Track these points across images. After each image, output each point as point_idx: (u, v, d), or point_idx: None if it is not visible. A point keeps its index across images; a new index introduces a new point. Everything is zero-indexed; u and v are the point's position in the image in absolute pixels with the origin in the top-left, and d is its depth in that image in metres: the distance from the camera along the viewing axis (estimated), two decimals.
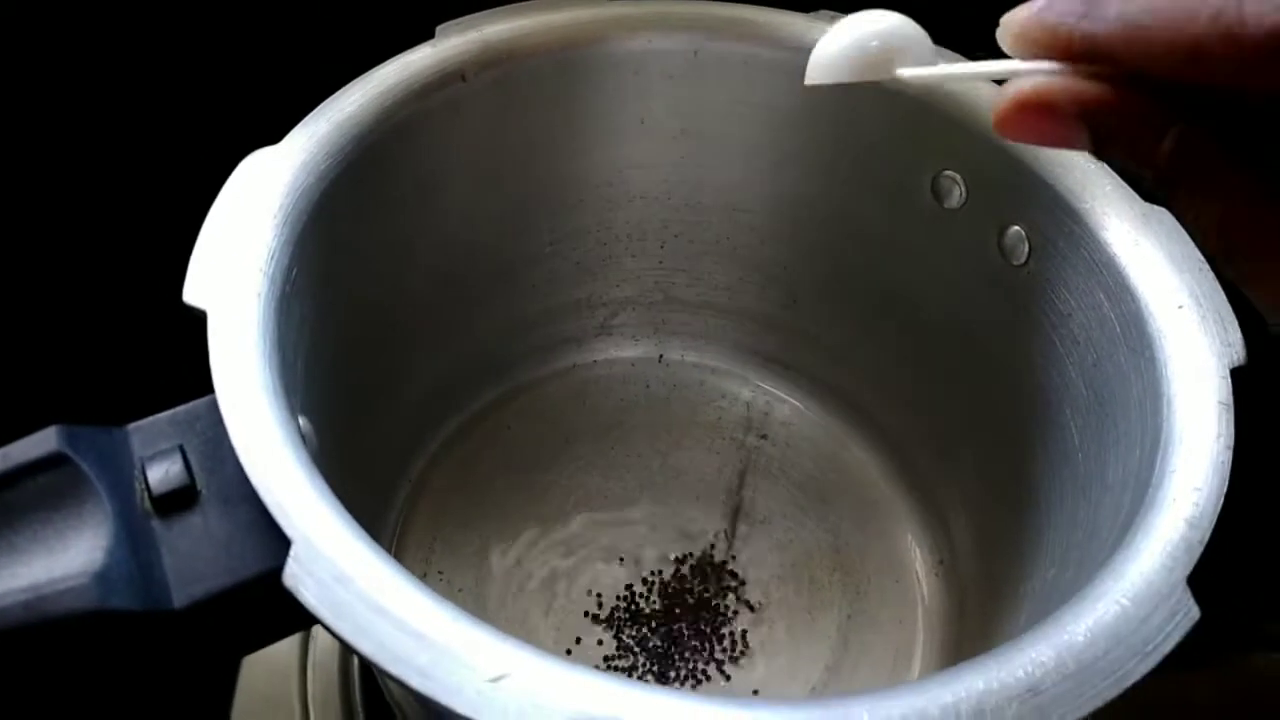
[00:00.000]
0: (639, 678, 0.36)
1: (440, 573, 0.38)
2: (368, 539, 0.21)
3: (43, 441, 0.23)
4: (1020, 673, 0.20)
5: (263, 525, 0.22)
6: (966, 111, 0.33)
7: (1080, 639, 0.21)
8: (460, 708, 0.19)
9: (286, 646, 0.40)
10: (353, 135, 0.30)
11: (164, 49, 0.38)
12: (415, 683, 0.19)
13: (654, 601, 0.38)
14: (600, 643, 0.37)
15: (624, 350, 0.45)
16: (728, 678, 0.36)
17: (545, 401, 0.44)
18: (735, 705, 0.19)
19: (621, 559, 0.39)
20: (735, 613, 0.38)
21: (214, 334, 0.24)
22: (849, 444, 0.42)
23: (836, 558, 0.40)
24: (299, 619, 0.23)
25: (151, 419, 0.24)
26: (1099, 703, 0.20)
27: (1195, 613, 0.21)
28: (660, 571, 0.39)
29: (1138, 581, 0.22)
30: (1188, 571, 0.22)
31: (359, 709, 0.39)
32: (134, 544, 0.22)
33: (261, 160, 0.28)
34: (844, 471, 0.42)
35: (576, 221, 0.40)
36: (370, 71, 0.31)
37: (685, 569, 0.39)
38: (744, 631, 0.37)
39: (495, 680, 0.19)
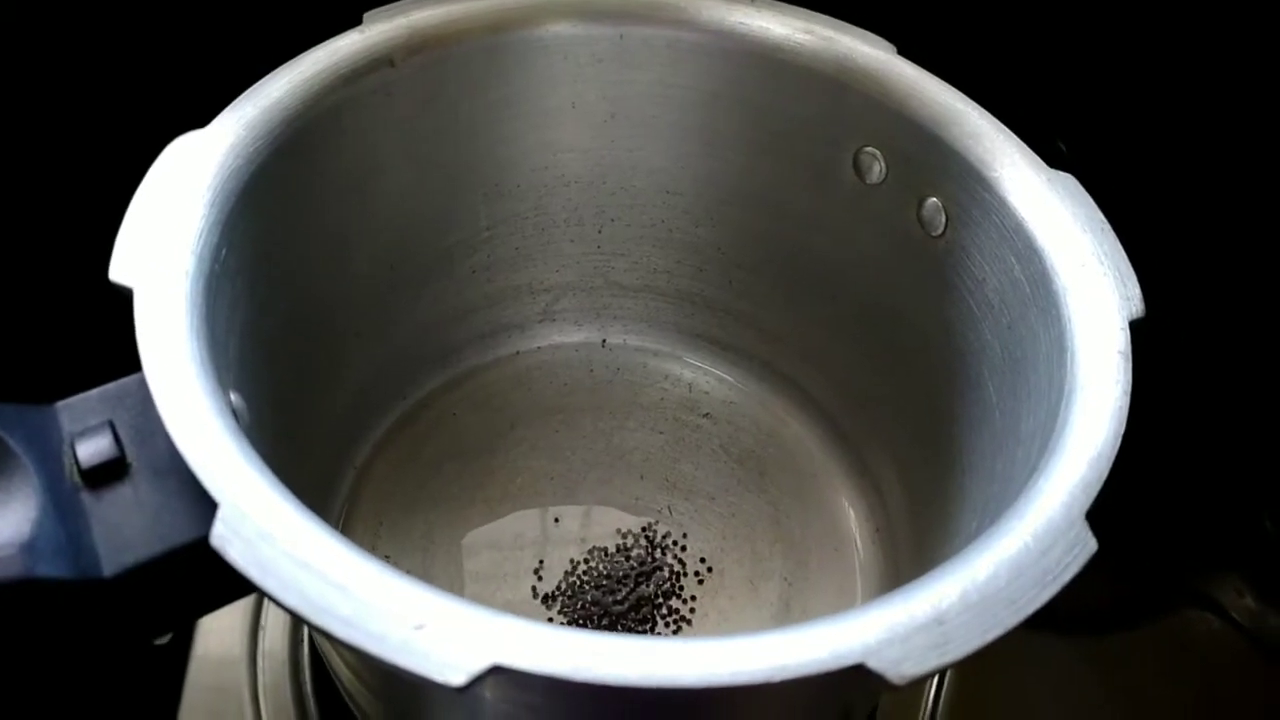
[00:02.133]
0: None
1: (386, 557, 0.39)
2: (294, 499, 0.22)
3: None
4: (928, 606, 0.21)
5: (192, 493, 0.23)
6: (882, 88, 0.34)
7: (984, 574, 0.22)
8: (384, 654, 0.19)
9: (236, 638, 0.40)
10: (281, 119, 0.30)
11: (91, 30, 0.38)
12: (340, 631, 0.20)
13: (599, 578, 0.39)
14: (548, 619, 0.38)
15: (567, 335, 0.45)
16: None
17: (489, 387, 0.44)
18: (650, 641, 0.20)
19: (567, 539, 0.40)
20: (679, 585, 0.39)
21: (140, 311, 0.24)
22: (787, 420, 0.43)
23: (777, 529, 0.40)
24: (231, 587, 0.23)
25: (81, 396, 0.25)
26: (1001, 630, 0.21)
27: (1093, 545, 0.22)
28: (605, 548, 0.40)
29: (1039, 519, 0.23)
30: (1086, 507, 0.23)
31: (310, 698, 0.39)
32: (62, 515, 0.23)
33: (189, 143, 0.28)
34: (783, 446, 0.43)
35: (513, 207, 0.41)
36: (298, 57, 0.32)
37: (630, 545, 0.40)
38: (688, 602, 0.38)
39: (418, 627, 0.20)
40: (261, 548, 0.21)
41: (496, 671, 0.19)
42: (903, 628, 0.20)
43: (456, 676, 0.19)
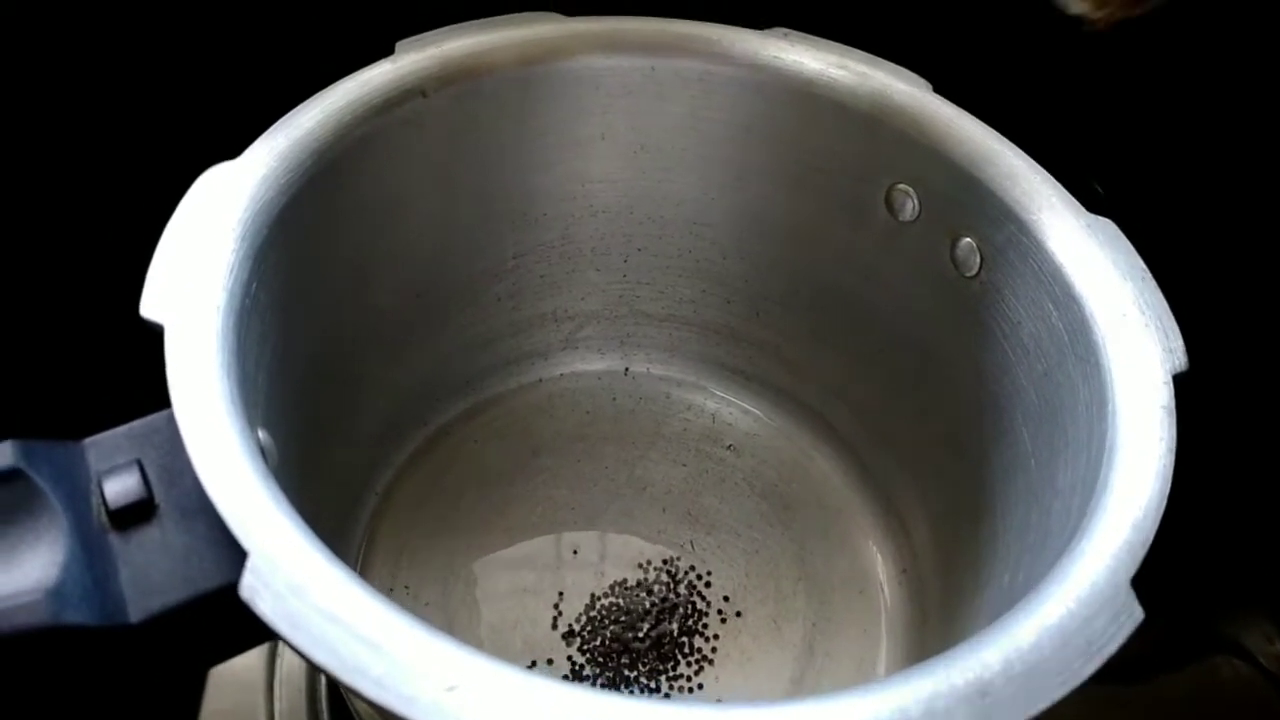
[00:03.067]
0: (603, 689, 0.36)
1: (407, 587, 0.38)
2: (325, 550, 0.21)
3: None
4: (970, 675, 0.20)
5: (220, 538, 0.22)
6: (918, 125, 0.33)
7: (1027, 642, 0.21)
8: (416, 716, 0.19)
9: (253, 663, 0.40)
10: (312, 150, 0.30)
11: (123, 62, 0.38)
12: (371, 692, 0.19)
13: (620, 613, 0.38)
14: (568, 658, 0.37)
15: (590, 364, 0.45)
16: (694, 688, 0.37)
17: (512, 415, 0.44)
18: (688, 708, 0.19)
19: (588, 571, 0.39)
20: (701, 623, 0.38)
21: (171, 347, 0.24)
22: (812, 454, 0.43)
23: (801, 567, 0.40)
24: (258, 632, 0.23)
25: (108, 433, 0.24)
26: (1047, 703, 0.20)
27: (1139, 614, 0.22)
28: (626, 582, 0.39)
29: (1083, 584, 0.22)
30: (1131, 573, 0.22)
31: None
32: (90, 558, 0.22)
33: (220, 174, 0.28)
34: (808, 481, 0.42)
35: (540, 236, 0.40)
36: (329, 87, 0.31)
37: (651, 580, 0.39)
38: (710, 641, 0.38)
39: (450, 690, 0.19)
40: (291, 601, 0.20)
41: None
42: (944, 700, 0.20)
43: None
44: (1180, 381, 0.27)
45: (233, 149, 0.29)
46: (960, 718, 0.20)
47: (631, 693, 0.36)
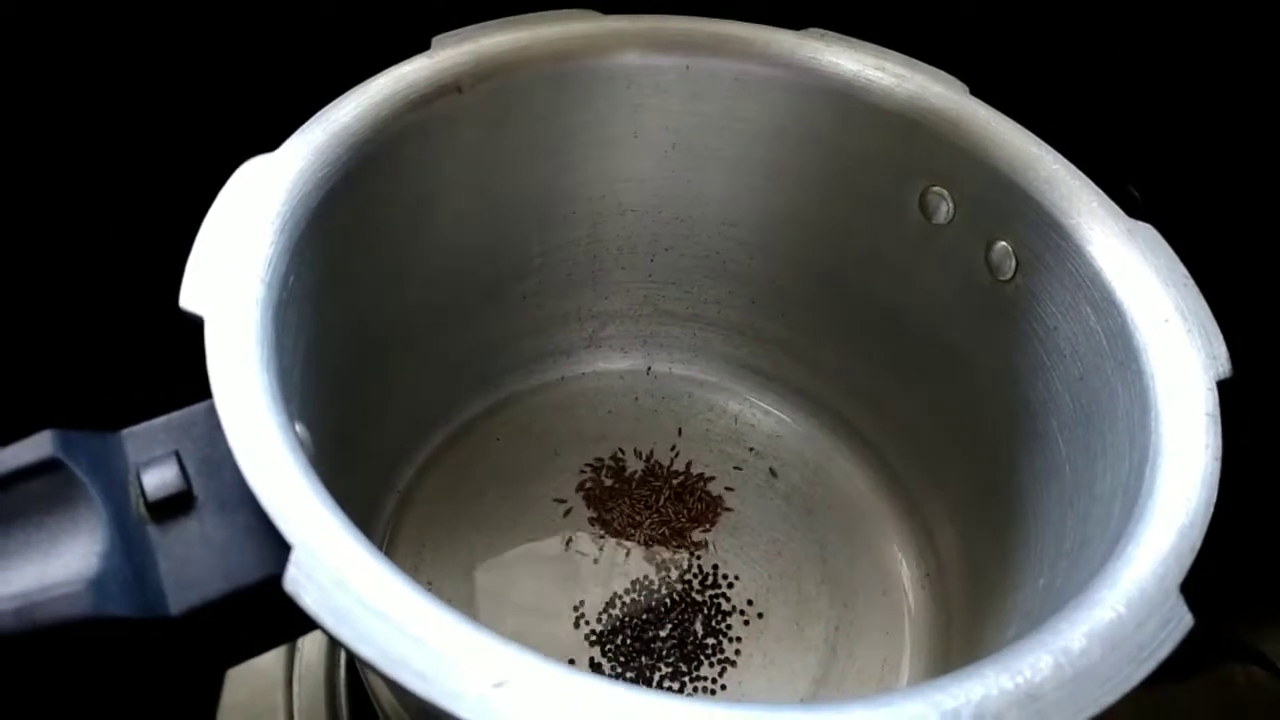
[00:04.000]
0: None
1: (429, 582, 0.38)
2: (368, 543, 0.21)
3: (37, 446, 0.23)
4: (1020, 679, 0.20)
5: (260, 531, 0.22)
6: (955, 128, 0.33)
7: (1077, 645, 0.21)
8: (461, 712, 0.19)
9: (272, 658, 0.40)
10: (349, 144, 0.30)
11: (160, 55, 0.38)
12: (416, 687, 0.19)
13: (642, 613, 0.38)
14: (590, 658, 0.37)
15: (612, 363, 0.45)
16: (716, 689, 0.36)
17: (534, 413, 0.44)
18: (728, 708, 0.19)
19: (610, 571, 0.39)
20: (724, 624, 0.38)
21: (211, 339, 0.24)
22: (836, 456, 0.43)
23: (824, 569, 0.40)
24: (295, 626, 0.23)
25: (147, 424, 0.24)
26: (1097, 709, 0.20)
27: (1189, 620, 0.22)
28: (648, 582, 0.39)
29: (1131, 589, 0.22)
30: (1180, 579, 0.22)
31: (345, 718, 0.39)
32: (129, 550, 0.22)
33: (258, 167, 0.28)
34: (831, 484, 0.42)
35: (567, 233, 0.40)
36: (366, 82, 0.31)
37: (673, 580, 0.39)
38: (733, 642, 0.38)
39: (496, 686, 0.19)
40: (336, 595, 0.20)
41: None
42: (995, 702, 0.20)
43: None
44: (1225, 389, 0.26)
45: (271, 142, 0.29)
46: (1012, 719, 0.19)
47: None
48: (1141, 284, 0.29)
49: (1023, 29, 0.40)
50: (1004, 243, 0.33)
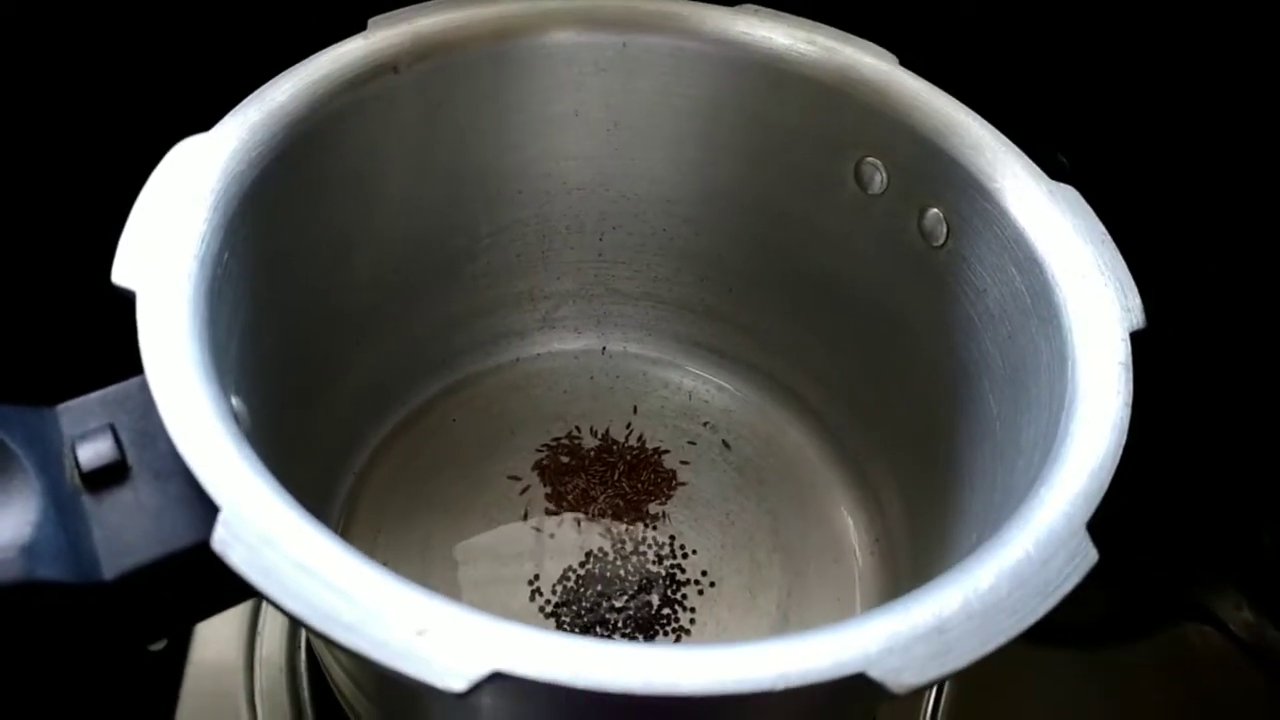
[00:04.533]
0: None
1: (384, 563, 0.38)
2: (295, 504, 0.22)
3: None
4: (929, 615, 0.21)
5: (193, 497, 0.23)
6: (884, 98, 0.34)
7: (985, 583, 0.22)
8: (385, 659, 0.19)
9: (233, 644, 0.40)
10: (285, 124, 0.30)
11: (97, 34, 0.38)
12: (342, 638, 0.20)
13: (598, 586, 0.39)
14: (546, 626, 0.37)
15: (567, 343, 0.46)
16: None
17: (489, 394, 0.44)
18: (652, 649, 0.20)
19: (565, 546, 0.40)
20: (679, 594, 0.39)
21: (143, 314, 0.24)
22: (786, 428, 0.43)
23: (776, 538, 0.40)
24: (229, 590, 0.23)
25: (81, 399, 0.25)
26: (1002, 639, 0.21)
27: (1094, 555, 0.22)
28: (605, 556, 0.39)
29: (1040, 529, 0.23)
30: (1087, 518, 0.23)
31: (307, 704, 0.39)
32: (63, 518, 0.23)
33: (192, 146, 0.28)
34: (782, 455, 0.43)
35: (514, 214, 0.41)
36: (302, 62, 0.32)
37: (629, 553, 0.40)
38: (687, 612, 0.38)
39: (419, 633, 0.20)
40: (264, 552, 0.21)
41: (497, 678, 0.19)
42: (904, 637, 0.20)
43: (457, 682, 0.19)
44: (1141, 340, 0.27)
45: (206, 122, 0.29)
46: (918, 653, 0.20)
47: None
48: (1062, 241, 0.29)
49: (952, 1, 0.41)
50: (935, 209, 0.34)
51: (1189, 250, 0.41)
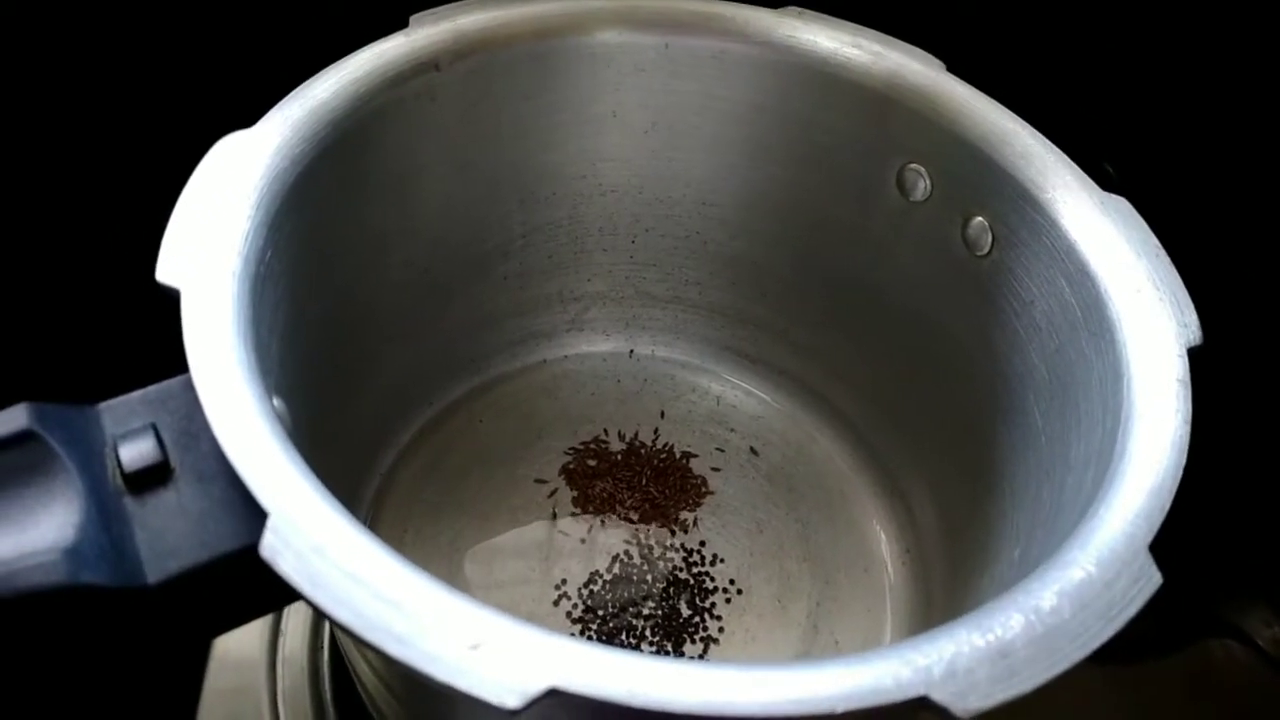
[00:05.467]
0: None
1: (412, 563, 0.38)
2: (344, 510, 0.21)
3: (12, 419, 0.23)
4: (991, 636, 0.21)
5: (238, 501, 0.22)
6: (930, 105, 0.34)
7: (1047, 604, 0.21)
8: (439, 674, 0.19)
9: (255, 642, 0.40)
10: (327, 121, 0.30)
11: (140, 30, 0.38)
12: (394, 650, 0.19)
13: (624, 592, 0.38)
14: (572, 632, 0.37)
15: (595, 345, 0.45)
16: None
17: (516, 395, 0.44)
18: (710, 667, 0.19)
19: (593, 550, 0.39)
20: (707, 601, 0.38)
21: (187, 312, 0.24)
22: (817, 435, 0.43)
23: (806, 547, 0.40)
24: (274, 596, 0.23)
25: (124, 398, 0.24)
26: (1067, 664, 0.20)
27: (1157, 578, 0.22)
28: (631, 561, 0.39)
29: (1101, 549, 0.22)
30: (1149, 539, 0.23)
31: (329, 704, 0.39)
32: (106, 520, 0.22)
33: (236, 142, 0.28)
34: (812, 462, 0.43)
35: (548, 214, 0.40)
36: (344, 59, 0.31)
37: (656, 559, 0.39)
38: (716, 620, 0.38)
39: (473, 648, 0.19)
40: (313, 560, 0.20)
41: (553, 694, 0.19)
42: (967, 659, 0.20)
43: (512, 699, 0.19)
44: (1195, 357, 0.27)
45: (249, 118, 0.29)
46: (981, 677, 0.20)
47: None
48: (1115, 255, 0.29)
49: (999, 6, 0.40)
50: (980, 218, 0.33)
51: (1239, 261, 0.41)
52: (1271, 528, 0.47)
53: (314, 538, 0.21)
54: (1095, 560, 0.22)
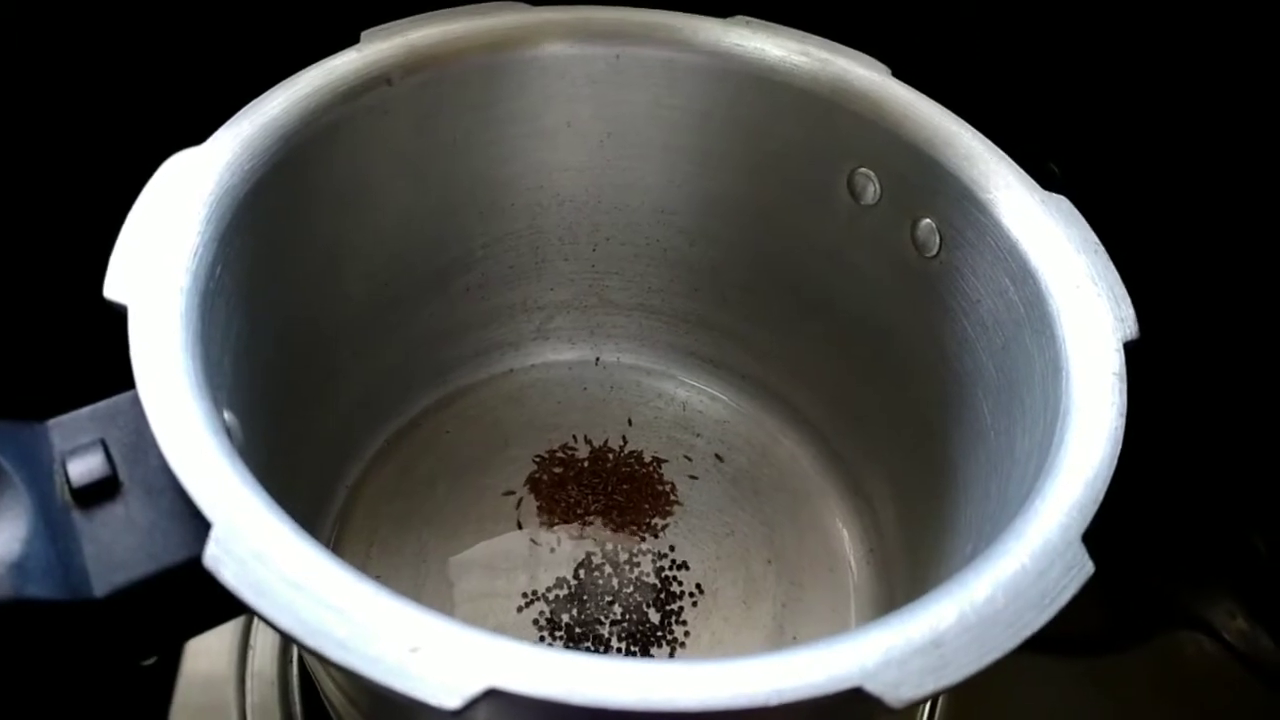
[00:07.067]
0: None
1: (378, 576, 0.38)
2: (288, 519, 0.22)
3: None
4: (925, 628, 0.21)
5: (185, 513, 0.22)
6: (877, 109, 0.34)
7: (981, 595, 0.22)
8: (379, 676, 0.19)
9: (224, 657, 0.40)
10: (278, 136, 0.30)
11: (90, 47, 0.38)
12: (335, 655, 0.19)
13: (591, 599, 0.39)
14: (540, 638, 0.37)
15: (560, 353, 0.45)
16: None
17: (483, 405, 0.44)
18: (648, 664, 0.20)
19: (559, 557, 0.40)
20: (674, 605, 0.38)
21: (135, 328, 0.24)
22: (781, 439, 0.43)
23: (771, 549, 0.40)
24: (222, 607, 0.23)
25: (72, 414, 0.24)
26: (999, 653, 0.21)
27: (1090, 567, 0.22)
28: (599, 567, 0.39)
29: (1036, 540, 0.23)
30: (1083, 529, 0.23)
31: (298, 718, 0.39)
32: (53, 535, 0.22)
33: (185, 160, 0.28)
34: (777, 465, 0.43)
35: (508, 225, 0.41)
36: (295, 75, 0.32)
37: (623, 565, 0.40)
38: (682, 624, 0.38)
39: (413, 650, 0.20)
40: (255, 568, 0.21)
41: (492, 695, 0.19)
42: (899, 650, 0.20)
43: (451, 699, 0.19)
44: (1135, 351, 0.27)
45: (198, 135, 0.29)
46: (915, 667, 0.20)
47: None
48: (1055, 252, 0.29)
49: (945, 11, 0.41)
50: (928, 220, 0.34)
51: (1180, 258, 0.41)
52: (1234, 518, 0.47)
53: (256, 546, 0.21)
54: (1030, 552, 0.22)
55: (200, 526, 0.22)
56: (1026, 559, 0.22)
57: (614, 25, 0.36)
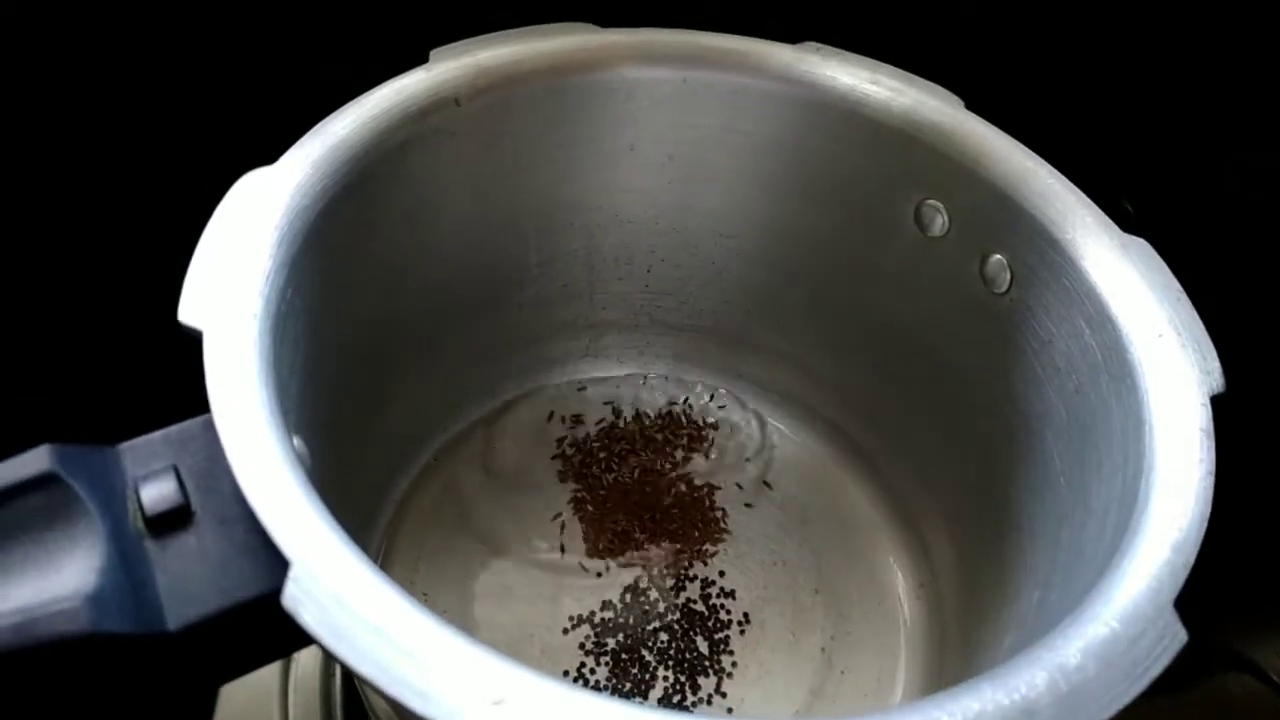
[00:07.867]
0: (622, 698, 0.36)
1: (425, 594, 0.38)
2: (366, 560, 0.21)
3: (34, 461, 0.23)
4: (1016, 695, 0.20)
5: (259, 546, 0.22)
6: (949, 142, 0.34)
7: (1072, 661, 0.21)
8: None
9: (267, 669, 0.40)
10: (347, 157, 0.30)
11: (160, 68, 0.38)
12: (415, 705, 0.19)
13: (639, 622, 0.38)
14: (583, 665, 0.37)
15: (609, 371, 0.45)
16: (713, 699, 0.37)
17: (531, 423, 0.44)
18: None
19: (607, 580, 0.39)
20: (720, 635, 0.38)
21: (210, 354, 0.24)
22: (832, 467, 0.43)
23: (819, 579, 0.40)
24: (293, 641, 0.23)
25: (144, 438, 0.24)
26: None
27: (1183, 636, 0.22)
28: (644, 592, 0.39)
29: (1126, 605, 0.22)
30: (1174, 595, 0.22)
31: None
32: (127, 565, 0.22)
33: (256, 180, 0.28)
34: (827, 494, 0.42)
35: (565, 244, 0.40)
36: (364, 95, 0.31)
37: (669, 591, 0.39)
38: (729, 654, 0.38)
39: (496, 704, 0.19)
40: (335, 612, 0.20)
41: None
42: (991, 718, 0.20)
43: None
44: (1219, 404, 0.27)
45: (269, 155, 0.29)
46: None
47: (652, 705, 0.36)
48: (1136, 298, 0.29)
49: (1018, 44, 0.40)
50: (999, 256, 0.33)
51: (1253, 303, 0.41)
52: None
53: (336, 588, 0.21)
54: (1119, 616, 0.22)
55: (274, 560, 0.21)
56: (1117, 624, 0.22)
57: (683, 49, 0.35)
